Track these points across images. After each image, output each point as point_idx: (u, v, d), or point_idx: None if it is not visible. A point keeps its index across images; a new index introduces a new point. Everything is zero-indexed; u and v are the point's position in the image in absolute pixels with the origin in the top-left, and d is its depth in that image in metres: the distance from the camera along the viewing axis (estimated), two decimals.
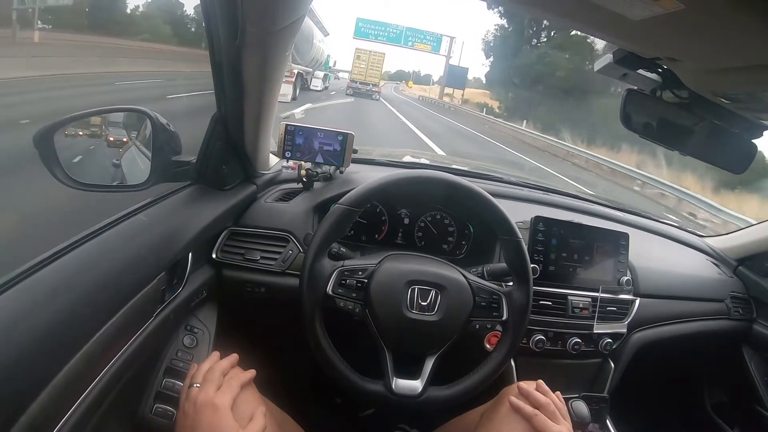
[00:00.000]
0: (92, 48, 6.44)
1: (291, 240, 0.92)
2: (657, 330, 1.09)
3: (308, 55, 14.37)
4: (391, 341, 0.72)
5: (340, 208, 0.74)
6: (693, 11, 0.39)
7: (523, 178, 1.42)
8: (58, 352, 0.48)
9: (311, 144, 0.98)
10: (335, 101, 13.76)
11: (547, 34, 23.12)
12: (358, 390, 0.72)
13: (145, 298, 0.62)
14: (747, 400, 1.25)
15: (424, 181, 0.78)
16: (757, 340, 1.23)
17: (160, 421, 0.71)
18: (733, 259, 1.31)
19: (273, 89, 0.83)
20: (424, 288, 0.73)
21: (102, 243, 0.60)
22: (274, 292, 0.91)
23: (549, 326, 0.96)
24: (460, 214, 1.08)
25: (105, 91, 5.37)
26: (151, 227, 0.69)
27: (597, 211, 1.26)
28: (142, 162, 0.83)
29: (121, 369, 0.58)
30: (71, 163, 0.71)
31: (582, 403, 0.94)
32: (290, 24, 0.70)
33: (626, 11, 0.44)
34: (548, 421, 0.66)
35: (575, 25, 0.57)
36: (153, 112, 0.77)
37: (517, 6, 0.55)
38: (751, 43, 0.44)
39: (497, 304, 0.76)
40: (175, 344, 0.78)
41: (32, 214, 1.91)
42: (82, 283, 0.53)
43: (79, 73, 5.44)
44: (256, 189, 0.98)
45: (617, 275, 1.01)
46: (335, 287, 0.73)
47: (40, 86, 4.47)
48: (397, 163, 1.33)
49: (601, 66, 0.65)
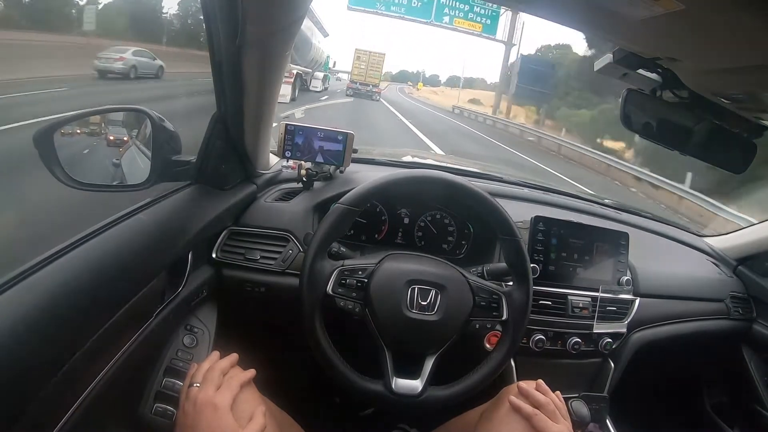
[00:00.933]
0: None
1: (291, 239, 0.92)
2: (657, 330, 1.09)
3: (308, 56, 14.32)
4: (391, 341, 0.72)
5: (340, 207, 0.74)
6: (693, 11, 0.39)
7: (523, 178, 1.42)
8: (58, 352, 0.48)
9: (311, 143, 0.98)
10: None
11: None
12: (358, 389, 0.72)
13: (145, 298, 0.62)
14: (747, 400, 1.25)
15: (424, 180, 0.78)
16: (756, 340, 1.23)
17: (160, 420, 0.71)
18: (733, 258, 1.31)
19: (273, 89, 0.83)
20: (424, 288, 0.73)
21: (102, 243, 0.60)
22: (274, 291, 0.91)
23: (549, 326, 0.96)
24: (460, 214, 1.08)
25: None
26: (150, 227, 0.69)
27: (597, 211, 1.26)
28: (142, 161, 0.83)
29: (121, 368, 0.58)
30: (71, 162, 0.71)
31: (582, 403, 0.94)
32: (290, 24, 0.71)
33: (626, 11, 0.44)
34: (548, 421, 0.66)
35: (576, 26, 0.57)
36: (153, 111, 0.77)
37: (517, 6, 0.55)
38: (751, 43, 0.44)
39: (497, 303, 0.76)
40: (175, 344, 0.78)
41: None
42: (82, 283, 0.53)
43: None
44: (256, 188, 0.98)
45: (617, 275, 1.01)
46: (335, 287, 0.73)
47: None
48: (398, 163, 1.33)
49: (601, 66, 0.65)
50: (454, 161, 2.04)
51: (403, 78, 79.54)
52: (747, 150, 0.68)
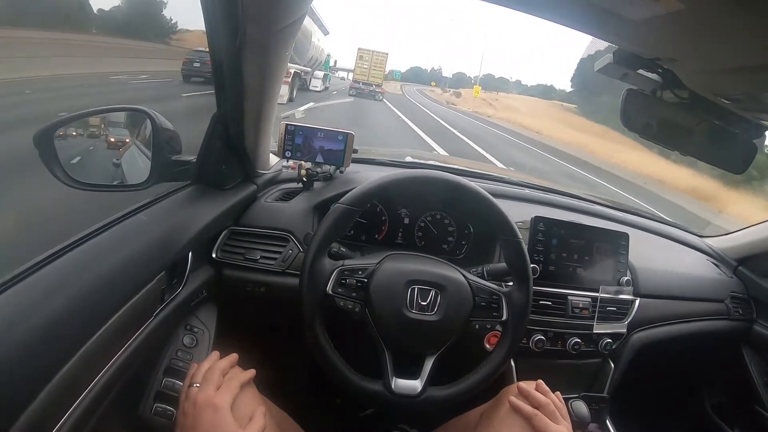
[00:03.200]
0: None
1: (291, 239, 0.92)
2: (657, 330, 1.09)
3: (307, 54, 14.18)
4: (391, 341, 0.72)
5: (341, 207, 0.74)
6: (693, 11, 0.39)
7: (523, 179, 1.42)
8: (58, 352, 0.48)
9: (311, 144, 0.98)
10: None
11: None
12: (358, 390, 0.72)
13: (145, 298, 0.62)
14: (747, 401, 1.25)
15: (425, 180, 0.78)
16: (757, 341, 1.23)
17: (160, 420, 0.71)
18: (733, 259, 1.31)
19: (273, 89, 0.83)
20: (424, 288, 0.73)
21: (102, 242, 0.60)
22: (274, 291, 0.91)
23: (549, 326, 0.96)
24: (460, 214, 1.08)
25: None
26: (151, 227, 0.69)
27: (597, 211, 1.26)
28: (142, 161, 0.83)
29: (121, 368, 0.58)
30: (71, 162, 0.71)
31: (582, 403, 0.94)
32: (291, 23, 0.70)
33: (627, 11, 0.44)
34: (548, 421, 0.66)
35: (576, 26, 0.57)
36: (153, 111, 0.77)
37: (516, 6, 0.55)
38: (751, 43, 0.44)
39: (497, 304, 0.76)
40: (175, 344, 0.78)
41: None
42: (81, 283, 0.53)
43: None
44: (256, 189, 0.98)
45: (617, 275, 1.01)
46: (335, 287, 0.73)
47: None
48: (398, 163, 1.33)
49: (602, 66, 0.65)
50: (455, 161, 2.04)
51: (417, 77, 65.32)
52: (747, 150, 0.68)
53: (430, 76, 61.22)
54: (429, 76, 64.21)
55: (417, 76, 68.81)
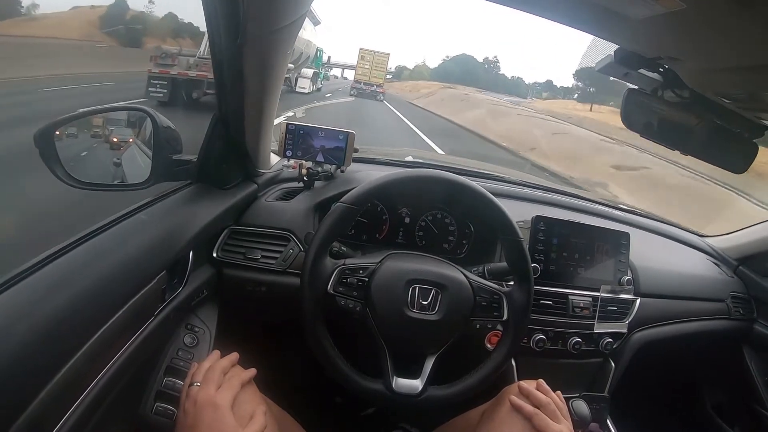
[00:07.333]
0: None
1: (292, 239, 0.92)
2: (657, 330, 1.09)
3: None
4: (392, 340, 0.72)
5: (341, 206, 0.74)
6: (695, 10, 0.39)
7: (523, 178, 1.42)
8: (59, 351, 0.48)
9: (312, 143, 0.98)
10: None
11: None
12: (358, 389, 0.72)
13: (145, 297, 0.62)
14: (747, 400, 1.25)
15: (426, 180, 0.78)
16: (757, 340, 1.23)
17: (161, 420, 0.71)
18: (734, 258, 1.31)
19: (274, 88, 0.83)
20: (425, 287, 0.73)
21: (102, 242, 0.60)
22: (275, 291, 0.91)
23: (550, 326, 0.96)
24: (461, 214, 1.08)
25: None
26: (151, 226, 0.69)
27: (598, 211, 1.25)
28: (143, 161, 0.83)
29: (121, 368, 0.58)
30: (71, 162, 0.71)
31: (582, 403, 0.94)
32: (291, 22, 0.70)
33: (627, 11, 0.44)
34: (549, 421, 0.66)
35: (577, 25, 0.56)
36: (153, 110, 0.77)
37: (516, 6, 0.55)
38: (752, 43, 0.44)
39: (498, 303, 0.76)
40: (176, 343, 0.78)
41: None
42: (82, 282, 0.53)
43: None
44: (256, 188, 0.98)
45: (618, 275, 1.01)
46: (336, 286, 0.73)
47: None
48: (399, 163, 1.33)
49: (603, 65, 0.65)
50: (455, 161, 2.04)
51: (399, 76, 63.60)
52: (748, 150, 0.68)
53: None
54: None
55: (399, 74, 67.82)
